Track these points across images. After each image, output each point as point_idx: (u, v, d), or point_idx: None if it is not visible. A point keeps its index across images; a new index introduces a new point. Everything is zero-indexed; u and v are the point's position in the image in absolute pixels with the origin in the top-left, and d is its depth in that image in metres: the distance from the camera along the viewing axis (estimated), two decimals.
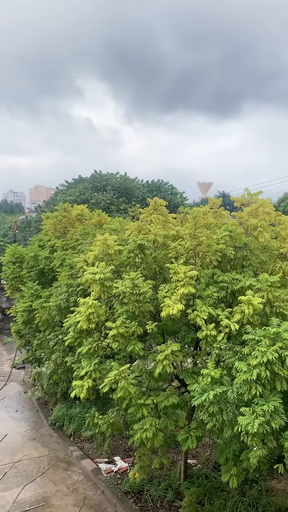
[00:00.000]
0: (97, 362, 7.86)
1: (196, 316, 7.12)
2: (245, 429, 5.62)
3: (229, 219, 10.08)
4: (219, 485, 8.94)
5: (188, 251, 8.06)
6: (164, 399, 7.49)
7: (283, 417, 5.74)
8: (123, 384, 7.06)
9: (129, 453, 11.19)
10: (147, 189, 53.13)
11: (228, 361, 6.61)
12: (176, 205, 45.39)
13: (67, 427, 12.58)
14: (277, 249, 8.51)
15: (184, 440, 7.38)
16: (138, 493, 9.32)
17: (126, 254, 8.43)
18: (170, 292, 7.41)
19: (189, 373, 7.52)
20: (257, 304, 6.68)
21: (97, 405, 10.95)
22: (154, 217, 9.31)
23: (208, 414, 6.34)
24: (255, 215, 8.70)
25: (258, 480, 9.28)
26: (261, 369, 5.81)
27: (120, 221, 12.28)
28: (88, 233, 12.10)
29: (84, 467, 10.62)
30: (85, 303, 7.81)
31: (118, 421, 8.33)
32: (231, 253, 7.98)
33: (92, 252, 8.64)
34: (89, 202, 41.21)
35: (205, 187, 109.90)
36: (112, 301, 8.11)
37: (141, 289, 7.43)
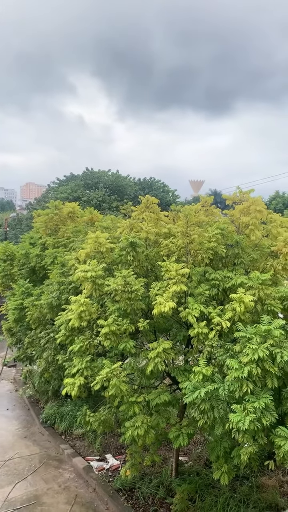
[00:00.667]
0: (89, 360, 7.84)
1: (188, 313, 7.14)
2: (236, 426, 5.66)
3: (221, 217, 10.10)
4: (210, 482, 8.99)
5: (180, 249, 8.06)
6: (156, 397, 7.51)
7: (274, 414, 5.79)
8: (115, 381, 7.06)
9: (121, 451, 11.20)
10: (139, 187, 53.07)
11: (219, 358, 6.63)
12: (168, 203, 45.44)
13: (59, 425, 12.56)
14: (268, 247, 8.55)
15: (175, 437, 7.40)
16: (129, 490, 9.34)
17: (118, 252, 8.41)
18: (162, 290, 7.42)
19: (181, 370, 7.54)
20: (248, 302, 6.71)
21: (89, 403, 10.93)
22: (146, 215, 9.30)
23: (200, 412, 6.36)
24: (247, 213, 8.73)
25: (249, 477, 9.36)
26: (252, 366, 5.84)
27: (112, 219, 12.25)
28: (79, 231, 12.05)
29: (76, 465, 10.62)
30: (77, 301, 7.78)
31: (109, 419, 8.33)
32: (222, 251, 8.00)
33: (83, 250, 8.61)
34: (80, 200, 41.07)
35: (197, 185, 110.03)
36: (104, 299, 8.10)
37: (133, 287, 7.42)
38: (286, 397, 6.05)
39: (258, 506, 8.32)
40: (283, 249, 8.00)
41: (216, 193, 58.25)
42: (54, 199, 15.74)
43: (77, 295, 8.16)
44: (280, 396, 6.25)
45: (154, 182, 55.20)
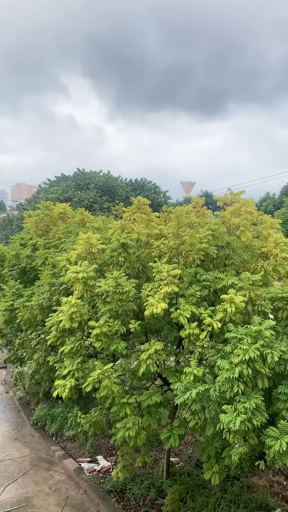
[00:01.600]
0: (80, 361, 7.82)
1: (179, 314, 7.16)
2: (227, 426, 5.68)
3: (212, 218, 10.14)
4: (201, 482, 9.01)
5: (171, 250, 8.08)
6: (147, 398, 7.51)
7: (264, 414, 5.82)
8: (107, 383, 7.05)
9: (112, 452, 11.18)
10: (131, 188, 53.13)
11: (210, 359, 6.65)
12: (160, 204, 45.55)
13: (49, 426, 12.50)
14: (259, 248, 8.60)
15: (166, 438, 7.41)
16: (120, 492, 9.32)
17: (109, 253, 8.40)
18: (153, 291, 7.43)
19: (172, 371, 7.55)
20: (239, 303, 6.74)
21: (80, 404, 10.90)
22: (137, 216, 9.30)
23: (191, 412, 6.37)
24: (238, 215, 8.78)
25: (239, 477, 9.39)
26: (243, 367, 5.87)
27: (103, 219, 12.23)
28: (70, 232, 12.02)
29: (67, 466, 10.57)
30: (68, 302, 7.76)
31: (100, 420, 8.31)
32: (214, 252, 8.03)
33: (75, 250, 8.59)
34: (71, 201, 40.99)
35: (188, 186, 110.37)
36: (95, 300, 8.08)
37: (124, 288, 7.42)
38: (277, 397, 6.08)
39: (249, 506, 8.36)
40: (274, 250, 8.05)
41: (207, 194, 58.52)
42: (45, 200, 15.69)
43: (68, 296, 8.14)
44: (271, 397, 6.29)
45: (146, 183, 55.29)
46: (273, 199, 54.44)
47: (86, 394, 7.69)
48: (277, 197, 54.82)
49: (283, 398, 5.97)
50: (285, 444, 5.53)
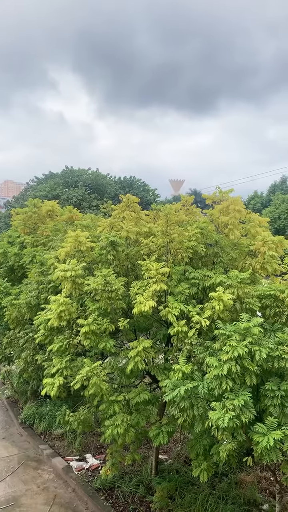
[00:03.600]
0: (68, 359, 7.80)
1: (168, 312, 7.17)
2: (216, 423, 5.71)
3: (201, 216, 10.18)
4: (190, 479, 9.06)
5: (160, 248, 8.09)
6: (136, 395, 7.52)
7: (252, 411, 5.87)
8: (95, 380, 7.03)
9: (101, 450, 11.18)
10: (119, 186, 53.02)
11: (199, 356, 6.69)
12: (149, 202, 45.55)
13: (38, 425, 12.44)
14: (247, 246, 8.66)
15: (155, 435, 7.43)
16: (109, 489, 9.33)
17: (98, 251, 8.38)
18: (142, 289, 7.43)
19: (161, 369, 7.57)
20: (227, 300, 6.78)
21: (68, 402, 10.86)
22: (126, 214, 9.30)
23: (179, 410, 6.40)
24: (226, 213, 8.82)
25: (227, 473, 9.46)
26: (231, 364, 5.91)
27: (92, 217, 12.20)
28: (59, 230, 11.96)
29: (55, 465, 10.54)
30: (56, 300, 7.73)
31: (89, 418, 8.30)
32: (202, 250, 8.06)
33: (63, 248, 8.55)
34: (60, 198, 40.75)
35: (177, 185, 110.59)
36: (84, 298, 8.06)
37: (113, 286, 7.41)
38: (264, 394, 6.13)
39: (237, 502, 8.43)
40: (261, 248, 8.11)
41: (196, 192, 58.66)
42: (33, 197, 15.59)
43: (56, 294, 8.10)
44: (258, 393, 6.34)
45: (135, 181, 55.23)
46: (261, 198, 54.83)
47: (74, 392, 7.67)
48: (265, 195, 55.22)
49: (270, 395, 6.02)
50: (272, 440, 5.59)
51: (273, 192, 53.14)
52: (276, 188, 54.45)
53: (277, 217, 42.55)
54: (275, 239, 8.27)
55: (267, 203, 51.07)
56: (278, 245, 8.26)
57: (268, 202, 50.83)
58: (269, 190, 55.69)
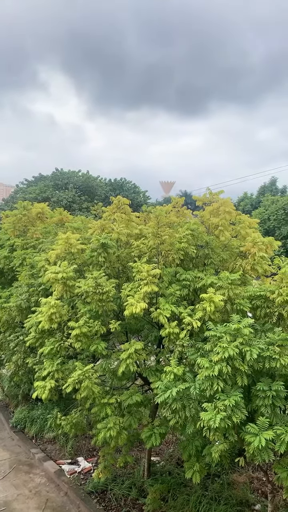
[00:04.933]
0: (60, 362, 7.76)
1: (159, 314, 7.18)
2: (208, 424, 5.73)
3: (191, 218, 10.21)
4: (183, 481, 9.06)
5: (151, 249, 8.10)
6: (128, 398, 7.51)
7: (244, 411, 5.90)
8: (87, 383, 7.01)
9: (93, 453, 11.13)
10: (110, 188, 53.00)
11: (190, 357, 6.70)
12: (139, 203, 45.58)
13: (29, 429, 12.35)
14: (237, 248, 8.70)
15: (147, 437, 7.42)
16: (102, 492, 9.29)
17: (89, 253, 8.36)
18: (134, 291, 7.43)
19: (152, 371, 7.57)
20: (218, 302, 6.81)
21: (60, 405, 10.81)
22: (117, 216, 9.29)
23: (171, 411, 6.41)
24: (216, 214, 8.86)
25: (220, 474, 9.48)
26: (222, 364, 5.93)
27: (83, 219, 12.17)
28: (49, 232, 11.91)
29: (47, 469, 10.47)
30: (47, 303, 7.69)
31: (81, 421, 8.27)
32: (193, 251, 8.09)
33: (54, 251, 8.52)
34: (50, 201, 40.59)
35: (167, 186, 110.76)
36: (75, 300, 8.03)
37: (104, 288, 7.40)
38: (255, 394, 6.16)
39: (229, 503, 8.45)
40: (252, 249, 8.16)
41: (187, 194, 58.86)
42: (23, 200, 15.51)
43: (47, 297, 8.06)
44: (250, 394, 6.37)
45: (125, 183, 55.24)
46: (251, 199, 55.15)
47: (66, 395, 7.65)
48: (255, 197, 55.56)
49: (261, 395, 6.05)
50: (264, 440, 5.62)
51: (263, 193, 53.50)
52: (265, 190, 54.82)
53: (266, 218, 42.84)
54: (265, 240, 8.33)
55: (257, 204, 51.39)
56: (268, 246, 8.32)
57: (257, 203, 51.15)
58: (258, 191, 56.06)
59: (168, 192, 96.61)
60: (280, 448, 5.68)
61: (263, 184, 56.35)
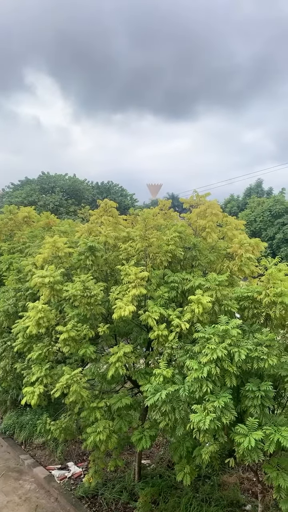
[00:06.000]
0: (48, 367, 7.71)
1: (148, 316, 7.18)
2: (197, 426, 5.73)
3: (179, 220, 10.24)
4: (173, 483, 9.06)
5: (139, 252, 8.10)
6: (118, 401, 7.48)
7: (233, 412, 5.92)
8: (75, 388, 6.97)
9: (83, 458, 11.07)
10: (97, 191, 52.95)
11: (179, 359, 6.71)
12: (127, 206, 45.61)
13: (18, 435, 12.22)
14: (224, 249, 8.76)
15: (138, 440, 7.40)
16: (92, 497, 9.23)
17: (76, 256, 8.33)
18: (122, 294, 7.42)
19: (142, 373, 7.57)
20: (206, 303, 6.83)
21: (49, 411, 10.72)
22: (104, 219, 9.28)
23: (161, 414, 6.41)
24: (203, 216, 8.91)
25: (210, 476, 9.50)
26: (211, 366, 5.95)
27: (70, 223, 12.13)
28: (36, 236, 11.84)
29: (37, 475, 10.37)
30: (35, 308, 7.63)
31: (70, 426, 8.21)
32: (180, 253, 8.12)
33: (41, 255, 8.47)
34: (36, 204, 40.39)
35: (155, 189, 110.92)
36: (63, 304, 7.99)
37: (92, 292, 7.38)
38: (244, 395, 6.19)
39: (220, 504, 8.47)
40: (238, 250, 8.22)
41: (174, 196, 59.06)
42: (9, 204, 15.40)
43: (34, 301, 8.00)
44: (239, 394, 6.40)
45: (112, 186, 55.24)
46: (238, 201, 55.59)
47: (55, 400, 7.59)
48: (241, 198, 56.01)
49: (250, 396, 6.08)
50: (253, 440, 5.64)
51: (249, 195, 53.96)
52: (251, 191, 55.31)
53: (253, 220, 43.22)
54: (251, 242, 8.39)
55: (243, 206, 51.81)
56: (254, 247, 8.39)
57: (244, 205, 51.57)
58: (244, 193, 56.52)
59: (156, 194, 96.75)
60: (269, 448, 5.71)
61: (249, 186, 56.86)
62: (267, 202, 43.89)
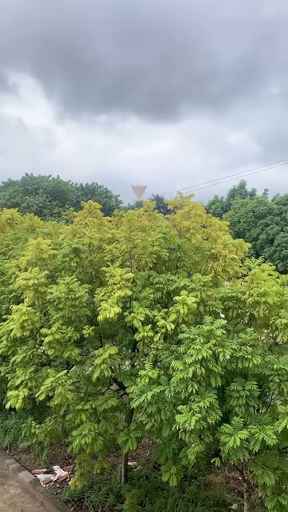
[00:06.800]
0: (33, 370, 7.64)
1: (133, 318, 7.18)
2: (183, 426, 5.75)
3: (163, 221, 10.27)
4: (160, 484, 9.06)
5: (123, 253, 8.10)
6: (103, 403, 7.46)
7: (218, 412, 5.95)
8: (60, 390, 6.92)
9: (69, 461, 10.98)
10: (81, 192, 52.77)
11: (165, 360, 6.72)
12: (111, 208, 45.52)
13: (2, 439, 12.07)
14: (208, 250, 8.81)
15: (124, 442, 7.39)
16: (78, 500, 9.17)
17: (60, 258, 8.28)
18: (107, 296, 7.40)
19: (127, 375, 7.55)
20: (191, 304, 6.86)
21: (34, 414, 10.62)
22: (89, 220, 9.24)
23: (147, 415, 6.41)
24: (188, 218, 8.95)
25: (196, 476, 9.53)
26: (196, 366, 5.98)
27: (54, 224, 12.05)
28: (19, 238, 11.73)
29: (22, 479, 10.25)
30: (18, 310, 7.56)
31: (56, 429, 8.15)
32: (165, 254, 8.14)
33: (24, 257, 8.39)
34: (20, 206, 40.05)
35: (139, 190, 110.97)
36: (47, 307, 7.93)
37: (77, 294, 7.34)
38: (229, 394, 6.24)
39: (206, 504, 8.50)
40: (222, 251, 8.28)
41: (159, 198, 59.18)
42: None
43: (18, 304, 7.92)
44: (224, 394, 6.44)
45: (97, 188, 55.13)
46: (221, 202, 56.01)
47: (40, 403, 7.53)
48: (225, 200, 56.45)
49: (235, 395, 6.13)
50: (238, 440, 5.69)
51: (233, 196, 54.41)
52: (235, 193, 55.77)
53: (236, 221, 43.59)
54: (235, 242, 8.46)
55: (227, 207, 52.23)
56: (238, 248, 8.46)
57: (228, 206, 51.99)
58: (228, 194, 56.96)
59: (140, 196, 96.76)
60: (254, 447, 5.77)
61: (233, 187, 57.32)
62: (250, 203, 44.32)
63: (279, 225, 40.36)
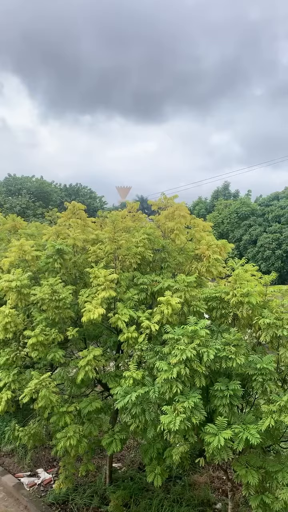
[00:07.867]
0: (16, 372, 7.56)
1: (117, 319, 7.17)
2: (168, 427, 5.76)
3: (147, 222, 10.28)
4: (144, 485, 9.06)
5: (108, 254, 8.08)
6: (87, 405, 7.42)
7: (203, 412, 5.99)
8: (44, 393, 6.87)
9: (53, 464, 10.90)
10: (65, 193, 52.53)
11: (149, 361, 6.73)
12: (95, 209, 45.41)
13: None
14: (192, 251, 8.85)
15: (108, 444, 7.36)
16: (63, 503, 9.10)
17: (44, 259, 8.22)
18: (91, 297, 7.37)
19: (112, 376, 7.53)
20: (175, 304, 6.88)
21: (18, 417, 10.51)
22: (72, 221, 9.19)
23: (131, 416, 6.40)
24: (172, 218, 8.97)
25: (181, 476, 9.56)
26: (180, 367, 6.00)
27: (37, 225, 11.96)
28: (2, 239, 11.59)
29: (5, 483, 10.13)
30: (1, 312, 7.48)
31: (40, 432, 8.08)
32: (150, 255, 8.15)
33: (7, 258, 8.30)
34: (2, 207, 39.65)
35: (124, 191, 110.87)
36: (30, 309, 7.86)
37: (61, 295, 7.29)
38: (213, 394, 6.28)
39: (191, 504, 8.53)
40: (206, 252, 8.33)
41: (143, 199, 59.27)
42: None
43: (1, 306, 7.83)
44: (208, 394, 6.48)
45: (81, 188, 54.93)
46: (205, 203, 56.44)
47: (24, 406, 7.45)
48: (209, 201, 56.87)
49: (219, 395, 6.17)
50: (223, 439, 5.73)
51: (217, 197, 54.85)
52: (219, 194, 56.24)
53: (220, 222, 43.96)
54: (219, 243, 8.52)
55: (211, 208, 52.63)
56: (222, 248, 8.52)
57: (212, 207, 52.39)
58: (212, 195, 57.42)
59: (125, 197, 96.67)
60: (238, 446, 5.82)
61: (216, 189, 57.78)
62: (234, 204, 44.75)
63: (262, 226, 40.84)
